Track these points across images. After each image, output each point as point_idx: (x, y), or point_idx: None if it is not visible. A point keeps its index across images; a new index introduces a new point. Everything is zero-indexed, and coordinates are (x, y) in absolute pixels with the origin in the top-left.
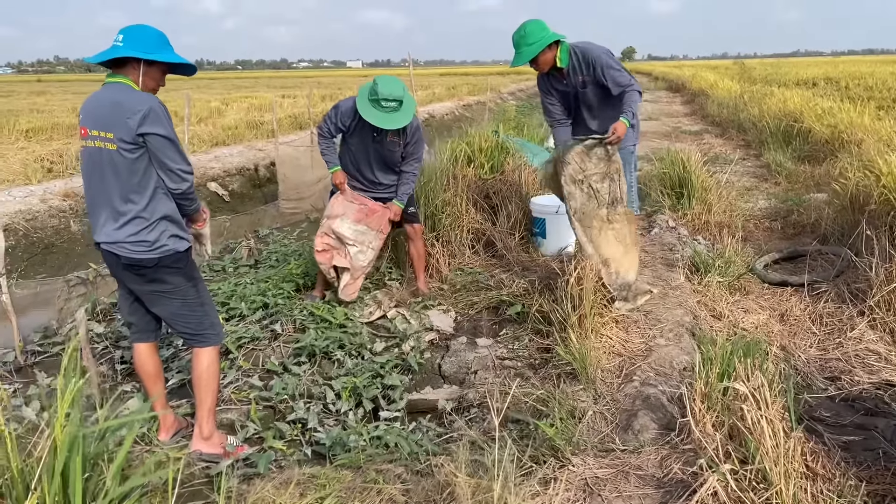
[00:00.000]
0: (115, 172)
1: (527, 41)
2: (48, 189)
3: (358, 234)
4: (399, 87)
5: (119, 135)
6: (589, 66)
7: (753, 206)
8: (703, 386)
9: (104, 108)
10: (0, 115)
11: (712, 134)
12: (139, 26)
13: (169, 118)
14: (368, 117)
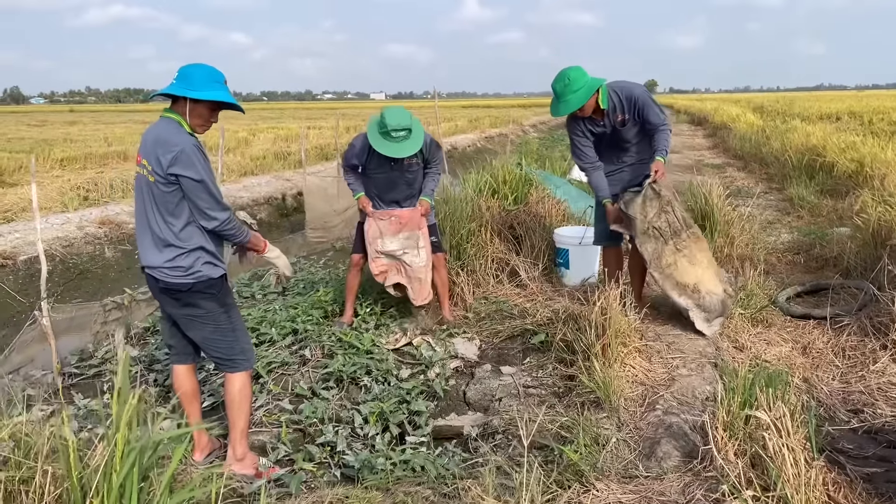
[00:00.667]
0: (155, 201)
1: (572, 88)
2: (84, 216)
3: (403, 242)
4: (406, 117)
5: (155, 168)
6: (631, 105)
7: (776, 240)
8: (726, 414)
9: (150, 140)
10: (36, 144)
11: (734, 167)
12: (195, 66)
13: (202, 158)
14: (381, 150)
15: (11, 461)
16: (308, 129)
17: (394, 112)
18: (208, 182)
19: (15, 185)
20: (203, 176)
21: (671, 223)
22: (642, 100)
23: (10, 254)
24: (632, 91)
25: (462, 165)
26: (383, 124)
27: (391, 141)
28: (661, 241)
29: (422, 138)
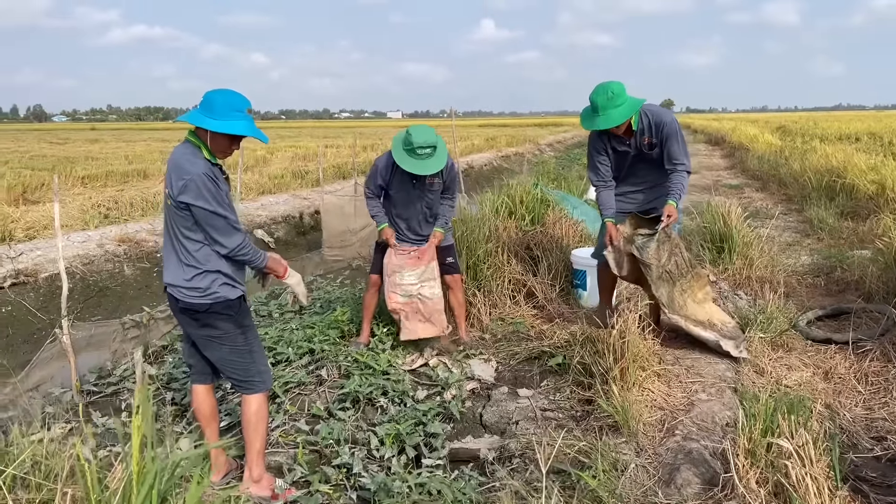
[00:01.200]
0: (175, 223)
1: (615, 103)
2: (104, 234)
3: (419, 275)
4: (431, 134)
5: (171, 192)
6: (660, 130)
7: (796, 262)
8: (747, 441)
9: (171, 165)
10: (58, 162)
11: (753, 188)
12: (219, 92)
13: (212, 187)
14: (406, 166)
15: (32, 483)
16: (325, 147)
17: (420, 130)
18: (219, 210)
19: (37, 202)
20: (212, 205)
21: (679, 265)
22: (670, 128)
23: (31, 271)
24: (662, 117)
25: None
26: (409, 141)
27: (416, 158)
28: (671, 284)
29: (445, 157)
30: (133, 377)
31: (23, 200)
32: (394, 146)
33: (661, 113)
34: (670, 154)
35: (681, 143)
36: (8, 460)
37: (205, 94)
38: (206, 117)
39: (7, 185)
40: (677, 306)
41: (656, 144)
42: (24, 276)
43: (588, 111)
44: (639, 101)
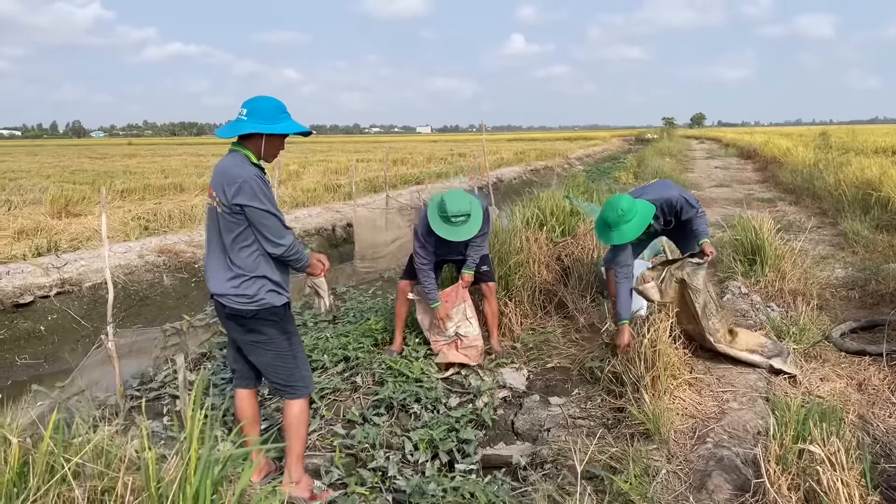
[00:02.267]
0: (223, 231)
1: (625, 219)
2: (145, 245)
3: (454, 316)
4: (465, 202)
5: (221, 199)
6: (672, 209)
7: (829, 275)
8: (779, 448)
9: (218, 173)
10: (98, 176)
11: (786, 201)
12: (260, 99)
13: (265, 188)
14: (441, 233)
15: (94, 471)
16: (357, 161)
17: (454, 199)
18: (272, 210)
19: (79, 215)
20: (266, 205)
21: (714, 298)
22: (679, 203)
23: (76, 280)
24: (669, 199)
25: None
26: (444, 209)
27: (451, 225)
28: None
29: (480, 221)
30: (173, 383)
31: (66, 213)
32: (430, 213)
33: (666, 195)
34: (687, 215)
35: (690, 203)
36: (72, 451)
37: (246, 104)
38: (262, 123)
39: (51, 198)
40: (721, 336)
41: (671, 220)
42: (68, 286)
43: (601, 224)
44: (648, 213)
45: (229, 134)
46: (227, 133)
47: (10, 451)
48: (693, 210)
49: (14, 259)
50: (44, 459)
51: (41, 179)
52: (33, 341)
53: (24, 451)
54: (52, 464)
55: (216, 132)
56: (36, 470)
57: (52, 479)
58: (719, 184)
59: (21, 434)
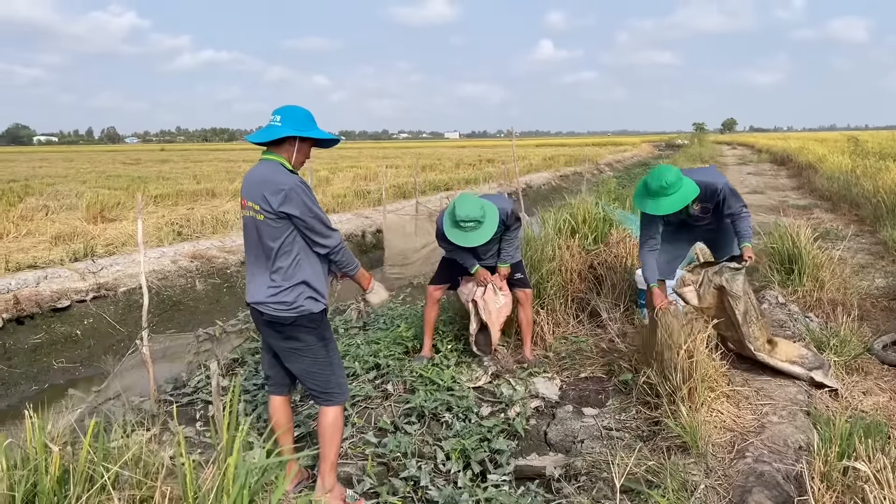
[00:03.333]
0: (263, 239)
1: (666, 192)
2: (178, 251)
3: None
4: (475, 208)
5: (264, 207)
6: (714, 196)
7: (870, 285)
8: (823, 465)
9: (256, 182)
10: (132, 181)
11: (822, 209)
12: (292, 107)
13: (309, 193)
14: (452, 238)
15: (133, 480)
16: (386, 167)
17: (463, 203)
18: (319, 212)
19: (114, 220)
20: (314, 208)
21: (754, 304)
22: (724, 192)
23: (111, 285)
24: (714, 184)
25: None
26: (454, 214)
27: (461, 230)
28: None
29: (494, 228)
30: (206, 388)
31: (101, 218)
32: (444, 218)
33: (712, 181)
34: (731, 211)
35: (735, 197)
36: (110, 459)
37: (278, 111)
38: (297, 128)
39: (87, 203)
40: (760, 345)
41: (710, 209)
42: (104, 290)
43: (641, 190)
44: (692, 191)
45: (265, 138)
46: (264, 137)
47: (50, 459)
48: (738, 205)
49: (52, 264)
50: (83, 468)
51: (77, 185)
52: (70, 345)
53: (65, 459)
54: (91, 472)
55: (248, 137)
56: (76, 478)
57: (93, 489)
58: (753, 190)
59: (61, 441)
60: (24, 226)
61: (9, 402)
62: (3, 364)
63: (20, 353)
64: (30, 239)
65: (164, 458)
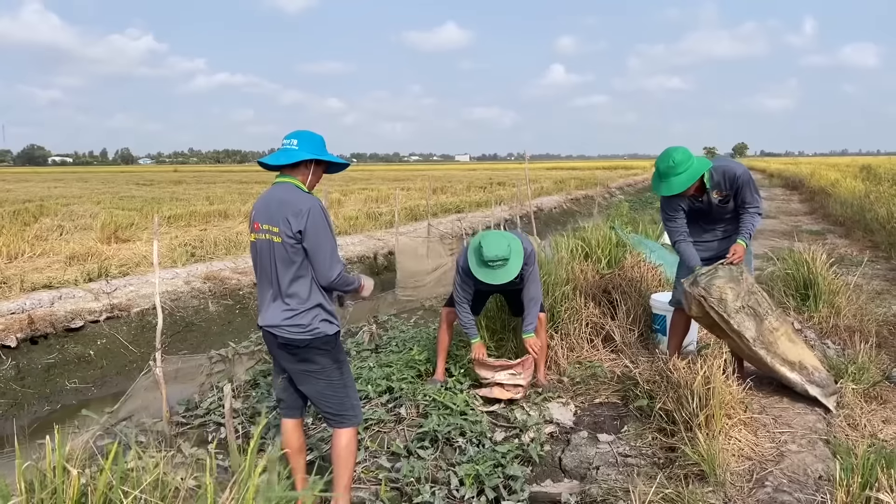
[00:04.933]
0: (279, 262)
1: (675, 171)
2: (191, 272)
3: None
4: (503, 247)
5: (283, 229)
6: (733, 184)
7: (887, 311)
8: (845, 495)
9: (273, 205)
10: (145, 202)
11: (836, 234)
12: (307, 132)
13: (327, 216)
14: (479, 276)
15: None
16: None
17: (491, 243)
18: (333, 238)
19: (128, 240)
20: (329, 234)
21: (760, 303)
22: (743, 179)
23: (125, 306)
24: (734, 171)
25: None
26: (481, 254)
27: (488, 269)
28: (758, 320)
29: (519, 265)
30: (219, 410)
31: (115, 238)
32: (470, 255)
33: (732, 167)
34: (743, 199)
35: (753, 189)
36: (129, 483)
37: (294, 135)
38: (314, 152)
39: (101, 224)
40: (767, 342)
41: (729, 197)
42: (118, 311)
43: (656, 175)
44: (702, 167)
45: (284, 161)
46: (282, 160)
47: (69, 482)
48: (753, 199)
49: (66, 284)
50: (102, 491)
51: (92, 205)
52: (83, 366)
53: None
54: (109, 496)
55: (264, 160)
56: (94, 502)
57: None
58: (766, 215)
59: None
60: (39, 246)
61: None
62: (17, 384)
63: (33, 373)
64: (44, 259)
65: (180, 481)
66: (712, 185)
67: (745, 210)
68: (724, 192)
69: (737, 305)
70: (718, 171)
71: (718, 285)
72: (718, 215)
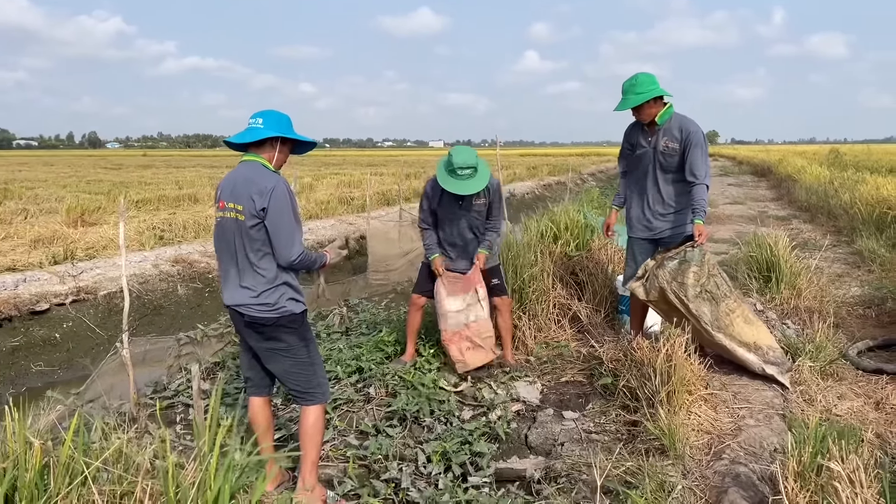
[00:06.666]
0: (245, 241)
1: (635, 90)
2: (160, 255)
3: (465, 300)
4: (472, 156)
5: (247, 207)
6: (682, 134)
7: (846, 293)
8: (797, 464)
9: (239, 183)
10: (113, 186)
11: (800, 219)
12: (272, 111)
13: (292, 197)
14: (448, 187)
15: (114, 475)
16: (370, 174)
17: (460, 151)
18: (297, 218)
19: (94, 224)
20: (292, 213)
21: (719, 286)
22: (696, 137)
23: (91, 289)
24: (690, 125)
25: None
26: (450, 163)
27: (457, 179)
28: (714, 303)
29: (487, 178)
30: (187, 391)
31: (81, 222)
32: (438, 170)
33: (691, 123)
34: (692, 164)
35: (703, 156)
36: (92, 455)
37: (259, 114)
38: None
39: (67, 207)
40: (723, 325)
41: (676, 152)
42: (84, 294)
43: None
44: (658, 91)
45: (249, 139)
46: (247, 138)
47: (31, 453)
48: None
49: (31, 267)
50: (64, 462)
51: (57, 189)
52: (48, 348)
53: (45, 454)
54: (72, 467)
55: (229, 139)
56: (57, 472)
57: (73, 483)
58: (733, 201)
59: (42, 437)
60: (3, 229)
61: None
62: None
63: None
64: (8, 242)
65: (144, 458)
66: (665, 127)
67: (693, 182)
68: (673, 144)
69: (696, 290)
70: (676, 119)
71: (684, 270)
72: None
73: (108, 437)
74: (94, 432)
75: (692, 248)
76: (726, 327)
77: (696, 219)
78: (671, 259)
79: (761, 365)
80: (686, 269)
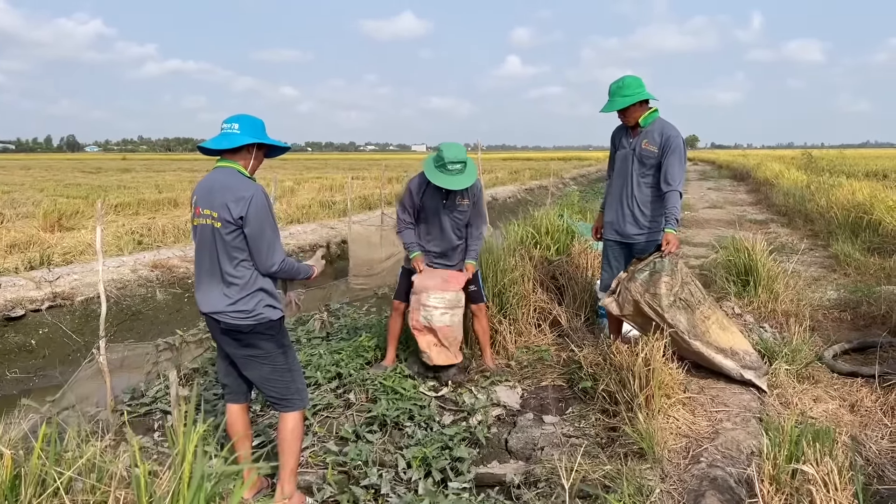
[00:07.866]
0: (221, 248)
1: (622, 93)
2: (138, 260)
3: (445, 301)
4: (462, 151)
5: (223, 214)
6: (661, 139)
7: (822, 296)
8: (772, 468)
9: (216, 189)
10: (92, 190)
11: (778, 223)
12: (246, 115)
13: (269, 204)
14: (437, 181)
15: (86, 485)
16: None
17: (451, 146)
18: (274, 226)
19: (72, 228)
20: (271, 220)
21: (693, 293)
22: (675, 143)
23: (68, 294)
24: (671, 131)
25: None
26: (440, 157)
27: (447, 174)
28: (689, 311)
29: (475, 174)
30: (165, 398)
31: (58, 227)
32: (426, 166)
33: (672, 129)
34: (667, 170)
35: (680, 164)
36: (64, 464)
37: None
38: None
39: (44, 211)
40: (700, 332)
41: (654, 155)
42: (60, 299)
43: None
44: (644, 94)
45: (226, 145)
46: (224, 144)
47: (1, 463)
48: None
49: (6, 272)
50: (35, 472)
51: (34, 193)
52: (24, 355)
53: (16, 464)
54: (43, 477)
55: (203, 145)
56: (28, 482)
57: (45, 493)
58: (712, 205)
59: (13, 446)
60: None
61: None
62: None
63: None
64: None
65: (118, 466)
66: (646, 129)
67: (668, 189)
68: (654, 147)
69: (670, 300)
70: (659, 123)
71: (655, 280)
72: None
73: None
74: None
75: (661, 258)
76: (703, 334)
77: (668, 227)
78: (642, 271)
79: (739, 370)
80: (658, 280)
